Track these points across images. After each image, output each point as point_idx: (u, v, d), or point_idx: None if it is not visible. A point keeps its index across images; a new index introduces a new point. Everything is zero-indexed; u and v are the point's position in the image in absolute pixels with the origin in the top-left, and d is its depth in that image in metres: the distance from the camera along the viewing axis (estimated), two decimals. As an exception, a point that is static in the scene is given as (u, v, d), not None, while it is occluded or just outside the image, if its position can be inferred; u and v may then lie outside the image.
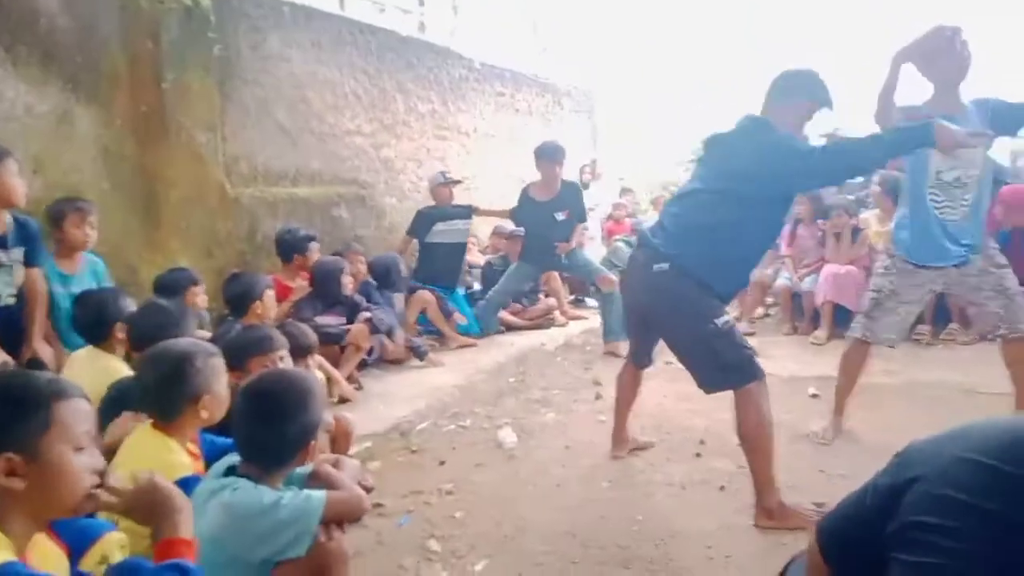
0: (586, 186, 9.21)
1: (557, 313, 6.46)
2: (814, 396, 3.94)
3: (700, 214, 2.61)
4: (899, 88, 2.97)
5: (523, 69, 9.52)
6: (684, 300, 2.60)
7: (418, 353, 4.82)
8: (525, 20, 10.87)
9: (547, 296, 6.51)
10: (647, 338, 3.02)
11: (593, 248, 7.62)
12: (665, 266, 2.62)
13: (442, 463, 3.21)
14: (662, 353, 3.00)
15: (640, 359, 3.11)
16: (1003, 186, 5.02)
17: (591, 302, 7.42)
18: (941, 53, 3.06)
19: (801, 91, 2.69)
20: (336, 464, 1.82)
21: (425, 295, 5.46)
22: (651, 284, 2.68)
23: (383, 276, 5.19)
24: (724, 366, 2.53)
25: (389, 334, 4.63)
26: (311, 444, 1.65)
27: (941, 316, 5.15)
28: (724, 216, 2.55)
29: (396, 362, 4.91)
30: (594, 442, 3.38)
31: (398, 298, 5.32)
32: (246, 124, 4.91)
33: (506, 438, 3.45)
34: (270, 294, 3.61)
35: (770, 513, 2.50)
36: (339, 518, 1.61)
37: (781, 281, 5.70)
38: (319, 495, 1.58)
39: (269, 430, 1.58)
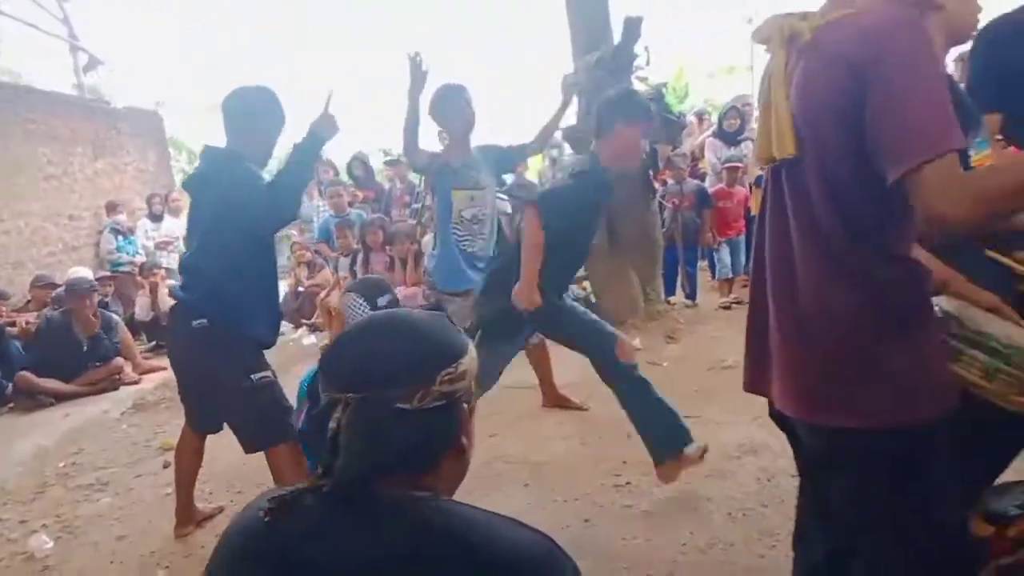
0: (159, 218, 8.40)
1: (129, 368, 5.73)
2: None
3: (214, 261, 2.53)
4: None
5: (61, 88, 8.26)
6: (224, 356, 2.53)
7: None
8: (61, 31, 9.42)
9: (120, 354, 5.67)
10: (203, 399, 2.79)
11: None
12: (204, 321, 2.52)
13: (-62, 606, 2.57)
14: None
15: (199, 423, 2.89)
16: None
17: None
18: (452, 107, 3.50)
19: (268, 116, 2.60)
20: None
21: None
22: (192, 340, 2.56)
23: None
24: (260, 424, 2.51)
25: None
26: None
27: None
28: (234, 259, 2.50)
29: None
30: (157, 523, 3.06)
31: None
32: None
33: (39, 546, 2.90)
34: None
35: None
36: None
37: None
38: None
39: None
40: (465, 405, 0.88)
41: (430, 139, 3.59)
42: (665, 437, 2.74)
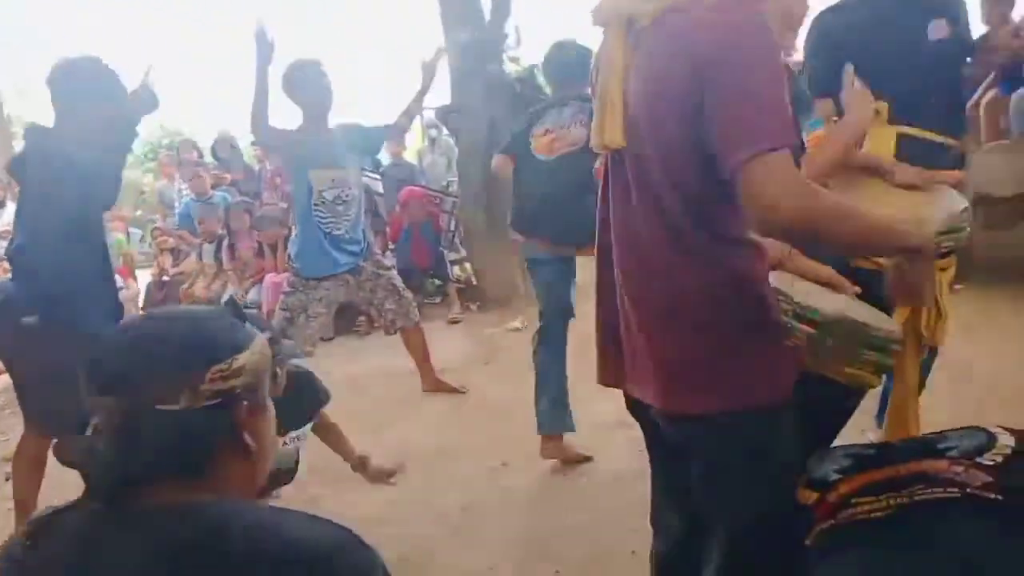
0: (0, 205, 7.63)
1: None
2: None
3: (39, 251, 2.33)
4: None
5: None
6: (58, 357, 2.27)
7: None
8: None
9: None
10: (39, 402, 2.53)
11: None
12: (33, 319, 2.32)
13: None
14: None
15: (49, 428, 2.63)
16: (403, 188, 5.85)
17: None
18: (307, 83, 3.33)
19: (95, 92, 2.38)
20: None
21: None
22: (21, 339, 2.36)
23: None
24: None
25: None
26: None
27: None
28: (59, 247, 2.30)
29: None
30: (-7, 545, 2.77)
31: None
32: None
33: None
34: None
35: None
36: None
37: (228, 295, 5.62)
38: None
39: None
40: (246, 403, 0.82)
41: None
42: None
